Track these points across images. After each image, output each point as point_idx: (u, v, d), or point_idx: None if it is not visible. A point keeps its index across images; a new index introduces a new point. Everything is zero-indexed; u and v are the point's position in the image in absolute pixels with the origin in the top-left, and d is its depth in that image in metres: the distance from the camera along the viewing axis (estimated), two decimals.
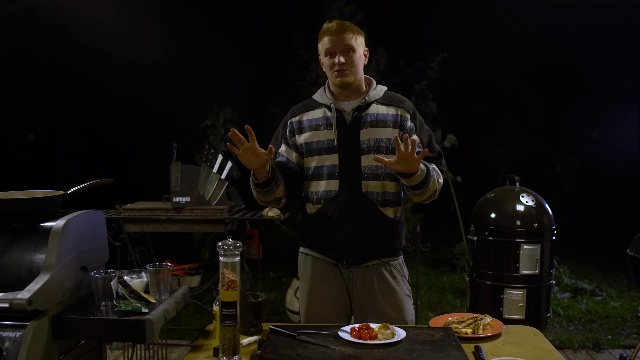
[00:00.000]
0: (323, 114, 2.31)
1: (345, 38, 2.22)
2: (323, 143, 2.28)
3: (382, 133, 2.26)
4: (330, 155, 2.26)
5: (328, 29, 2.24)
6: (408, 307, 2.34)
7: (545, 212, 3.39)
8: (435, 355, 1.73)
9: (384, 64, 5.89)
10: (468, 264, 3.59)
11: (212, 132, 5.31)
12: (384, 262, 2.32)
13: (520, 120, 8.79)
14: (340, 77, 2.24)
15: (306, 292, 2.38)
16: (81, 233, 1.91)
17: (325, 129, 2.28)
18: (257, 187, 2.22)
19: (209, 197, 3.66)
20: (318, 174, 2.29)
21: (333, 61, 2.24)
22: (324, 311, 2.33)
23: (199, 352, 1.85)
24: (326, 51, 2.25)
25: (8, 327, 1.64)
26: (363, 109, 2.28)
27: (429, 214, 7.36)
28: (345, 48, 2.22)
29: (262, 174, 2.16)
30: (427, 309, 5.21)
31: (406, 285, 2.37)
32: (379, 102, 2.30)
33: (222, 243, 1.71)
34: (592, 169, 8.55)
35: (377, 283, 2.30)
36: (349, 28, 2.24)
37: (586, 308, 5.20)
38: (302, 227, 2.40)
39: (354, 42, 2.24)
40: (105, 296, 1.83)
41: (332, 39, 2.22)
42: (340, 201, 2.25)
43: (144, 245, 3.99)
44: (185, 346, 4.25)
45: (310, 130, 2.31)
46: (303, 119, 2.35)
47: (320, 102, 2.34)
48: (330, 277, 2.33)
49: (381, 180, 2.26)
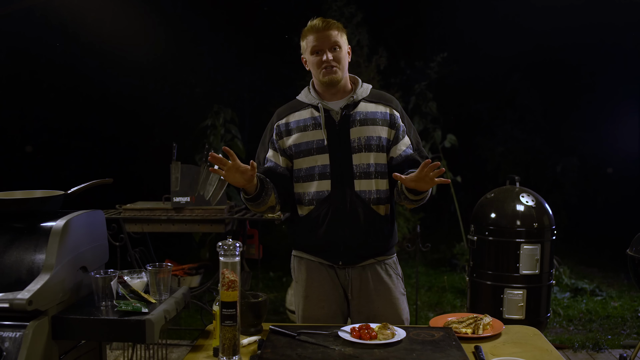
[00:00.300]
0: (310, 114, 2.28)
1: (332, 35, 2.21)
2: (313, 143, 2.25)
3: (372, 131, 2.24)
4: (321, 155, 2.24)
5: (313, 26, 2.23)
6: (403, 305, 2.34)
7: (545, 212, 3.39)
8: (435, 355, 1.73)
9: (384, 64, 5.89)
10: (468, 264, 3.59)
11: (212, 132, 5.31)
12: (379, 261, 2.32)
13: (520, 120, 8.79)
14: (329, 74, 2.21)
15: (302, 295, 2.35)
16: (81, 233, 1.91)
17: (313, 129, 2.26)
18: (248, 201, 2.21)
19: (209, 197, 3.66)
20: (310, 174, 2.27)
21: (320, 58, 2.21)
22: (321, 314, 2.31)
23: (199, 352, 1.85)
24: (312, 49, 2.23)
25: (8, 327, 1.64)
26: (351, 107, 2.26)
27: (429, 214, 7.37)
28: (332, 45, 2.21)
29: (250, 188, 2.14)
30: (427, 309, 5.21)
31: (401, 284, 2.36)
32: (367, 99, 2.29)
33: (222, 243, 1.71)
34: (592, 169, 8.55)
35: (372, 282, 2.29)
36: (334, 25, 2.23)
37: (586, 308, 5.20)
38: (294, 230, 2.37)
39: (339, 39, 2.23)
40: (105, 296, 1.83)
41: (318, 37, 2.21)
42: (333, 201, 2.24)
43: (144, 245, 3.99)
44: (185, 346, 4.25)
45: (298, 131, 2.28)
46: (290, 121, 2.30)
47: (306, 102, 2.31)
48: (326, 280, 2.31)
49: (373, 178, 2.25)
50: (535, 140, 8.69)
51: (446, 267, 6.71)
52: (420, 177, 2.02)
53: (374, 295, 2.29)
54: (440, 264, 6.85)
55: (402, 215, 5.99)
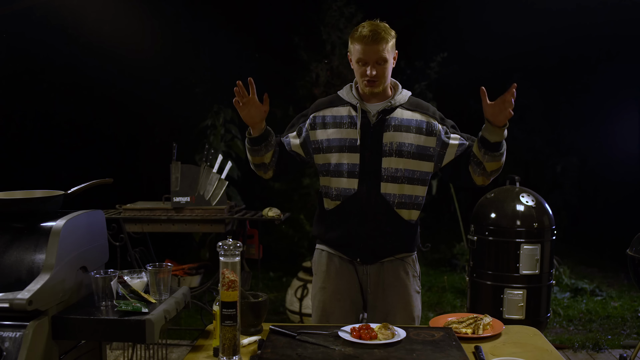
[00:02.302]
0: (348, 112, 2.34)
1: (379, 50, 2.21)
2: (345, 141, 2.31)
3: (405, 138, 2.29)
4: (352, 154, 2.30)
5: (362, 37, 2.21)
6: (416, 303, 2.41)
7: (545, 212, 3.39)
8: (435, 355, 1.73)
9: None
10: (468, 264, 3.59)
11: (212, 132, 5.31)
12: (397, 259, 2.39)
13: (520, 120, 8.78)
14: (370, 86, 2.26)
15: (319, 286, 2.43)
16: (81, 233, 1.91)
17: (349, 127, 2.31)
18: (250, 142, 2.30)
19: (209, 197, 3.66)
20: (338, 170, 2.33)
21: (364, 70, 2.24)
22: (336, 306, 2.39)
23: (199, 352, 1.85)
24: (358, 59, 2.25)
25: (8, 327, 1.64)
26: (388, 112, 2.31)
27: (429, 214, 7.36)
28: (377, 60, 2.22)
29: (258, 129, 2.26)
30: (427, 309, 5.21)
31: (417, 282, 2.44)
32: (404, 107, 2.34)
33: (222, 243, 1.71)
34: (592, 169, 8.55)
35: (389, 278, 2.37)
36: (383, 38, 2.21)
37: (586, 308, 5.20)
38: (319, 223, 2.46)
39: (386, 53, 2.23)
40: (105, 296, 1.83)
41: (365, 49, 2.21)
42: (359, 199, 2.31)
43: (144, 245, 3.98)
44: (185, 346, 4.25)
45: (334, 127, 2.34)
46: (327, 115, 2.37)
47: (345, 99, 2.36)
48: (345, 274, 2.39)
49: (400, 182, 2.31)
50: (535, 140, 8.68)
51: (446, 267, 6.71)
52: (500, 101, 2.10)
53: (389, 290, 2.37)
54: (440, 264, 6.85)
55: None
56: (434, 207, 7.85)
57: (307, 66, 5.80)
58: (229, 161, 3.83)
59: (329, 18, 5.71)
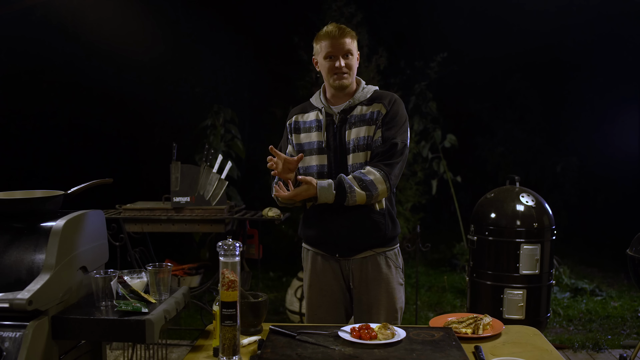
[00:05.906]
0: (316, 116, 2.47)
1: (346, 43, 2.36)
2: (314, 144, 2.44)
3: (362, 132, 2.38)
4: (320, 155, 2.42)
5: (329, 33, 2.36)
6: (399, 295, 2.46)
7: (545, 212, 3.38)
8: (435, 355, 1.73)
9: (384, 64, 5.89)
10: (468, 264, 3.59)
11: (212, 132, 5.31)
12: (378, 253, 2.43)
13: (520, 120, 8.79)
14: (339, 79, 2.38)
15: (307, 284, 2.53)
16: (81, 233, 1.91)
17: (316, 130, 2.44)
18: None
19: (209, 197, 3.66)
20: (309, 173, 2.44)
21: (333, 64, 2.37)
22: (322, 301, 2.47)
23: (199, 352, 1.85)
24: (326, 54, 2.38)
25: (8, 327, 1.64)
26: (348, 111, 2.41)
27: (429, 214, 7.37)
28: (345, 52, 2.36)
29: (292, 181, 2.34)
30: (427, 309, 5.21)
31: (399, 274, 2.49)
32: (364, 103, 2.42)
33: (222, 243, 1.71)
34: (592, 169, 8.55)
35: (372, 272, 2.42)
36: (348, 33, 2.38)
37: (586, 308, 5.20)
38: (302, 223, 2.55)
39: (352, 47, 2.39)
40: (105, 296, 1.83)
41: (333, 43, 2.35)
42: None
43: (144, 245, 3.99)
44: (185, 346, 4.25)
45: (305, 131, 2.48)
46: (299, 121, 2.51)
47: (314, 105, 2.50)
48: (328, 270, 2.47)
49: None
50: (535, 140, 8.69)
51: (446, 267, 6.71)
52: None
53: (372, 284, 2.43)
54: (440, 264, 6.85)
55: (402, 215, 5.99)
56: (434, 207, 7.86)
57: (307, 66, 5.80)
58: (229, 161, 3.82)
59: (329, 18, 5.71)
